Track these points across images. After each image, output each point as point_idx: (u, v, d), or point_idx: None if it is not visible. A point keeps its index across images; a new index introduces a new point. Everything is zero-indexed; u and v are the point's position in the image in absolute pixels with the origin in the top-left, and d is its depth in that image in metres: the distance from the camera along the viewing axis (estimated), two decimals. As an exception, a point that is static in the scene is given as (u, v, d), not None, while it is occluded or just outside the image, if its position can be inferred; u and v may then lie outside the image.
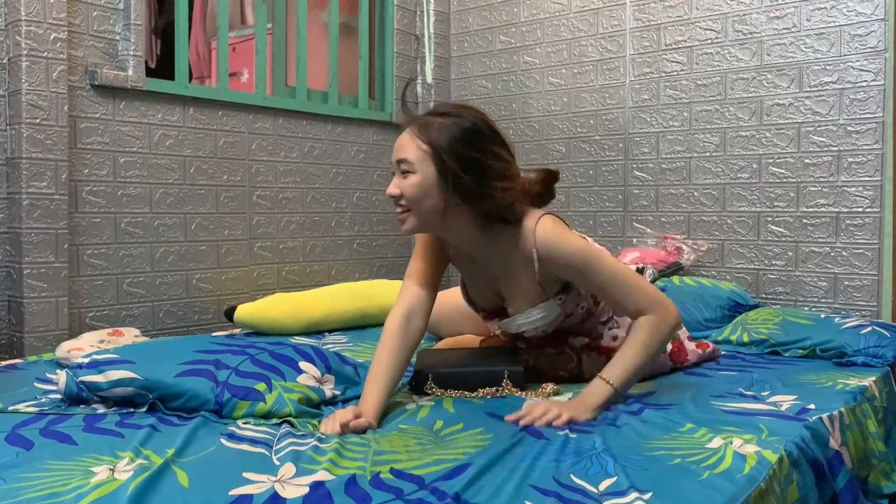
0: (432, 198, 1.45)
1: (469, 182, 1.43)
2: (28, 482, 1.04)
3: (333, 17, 2.97)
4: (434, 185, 1.44)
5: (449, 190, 1.43)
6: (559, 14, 2.99)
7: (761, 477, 1.11)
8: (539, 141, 3.05)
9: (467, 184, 1.43)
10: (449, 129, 1.43)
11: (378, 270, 3.10)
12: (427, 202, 1.45)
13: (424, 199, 1.45)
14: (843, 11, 2.37)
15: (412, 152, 1.44)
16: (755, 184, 2.55)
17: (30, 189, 2.07)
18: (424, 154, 1.43)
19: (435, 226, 1.51)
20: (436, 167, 1.43)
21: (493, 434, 1.28)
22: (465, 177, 1.42)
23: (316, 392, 1.49)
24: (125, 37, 2.26)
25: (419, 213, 1.47)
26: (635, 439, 1.27)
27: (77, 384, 1.42)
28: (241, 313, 2.24)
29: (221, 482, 1.05)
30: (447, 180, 1.43)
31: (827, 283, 2.42)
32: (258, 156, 2.65)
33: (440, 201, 1.45)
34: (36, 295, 2.08)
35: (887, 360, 1.89)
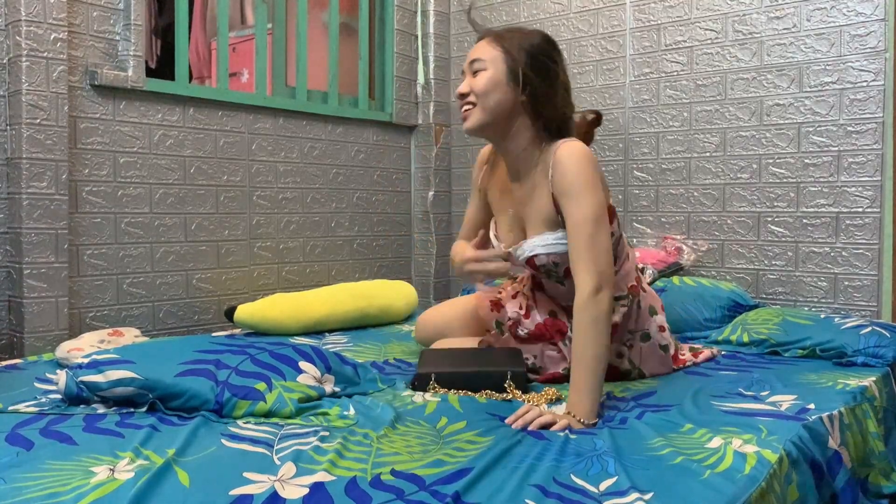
0: (501, 94, 1.55)
1: (538, 83, 1.54)
2: (28, 482, 1.04)
3: (333, 17, 2.97)
4: (504, 82, 1.55)
5: (518, 89, 1.54)
6: (559, 14, 2.99)
7: (762, 477, 1.11)
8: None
9: (536, 84, 1.53)
10: (522, 36, 1.57)
11: (378, 270, 3.10)
12: (494, 97, 1.55)
13: (492, 94, 1.55)
14: (843, 11, 2.37)
15: (486, 52, 1.56)
16: (755, 184, 2.55)
17: (30, 189, 2.07)
18: (498, 54, 1.55)
19: (498, 125, 1.59)
20: (507, 66, 1.54)
21: (495, 435, 1.28)
22: (534, 77, 1.53)
23: (316, 391, 1.49)
24: (125, 37, 2.26)
25: (485, 108, 1.56)
26: (636, 439, 1.27)
27: (77, 384, 1.42)
28: (241, 313, 2.24)
29: (222, 482, 1.05)
30: (517, 79, 1.53)
31: (827, 284, 2.42)
32: (258, 156, 2.65)
33: (508, 99, 1.55)
34: (36, 295, 2.08)
35: (887, 360, 1.89)
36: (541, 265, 1.68)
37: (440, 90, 3.27)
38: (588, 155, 1.54)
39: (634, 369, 1.77)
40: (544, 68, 1.55)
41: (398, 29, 3.14)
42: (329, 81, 2.94)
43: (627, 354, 1.77)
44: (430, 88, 3.23)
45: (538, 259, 1.67)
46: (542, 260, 1.66)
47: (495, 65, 1.55)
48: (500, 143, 1.65)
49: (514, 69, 1.54)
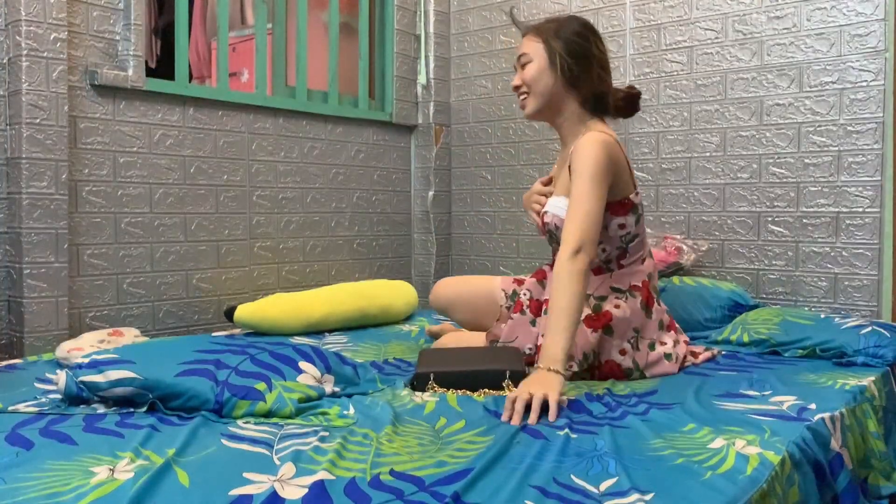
0: (547, 79, 1.79)
1: (572, 64, 1.77)
2: (28, 482, 1.04)
3: (333, 17, 2.97)
4: (546, 68, 1.79)
5: (557, 71, 1.77)
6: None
7: (763, 478, 1.11)
8: (539, 141, 3.05)
9: (571, 66, 1.77)
10: (558, 24, 1.82)
11: (378, 270, 3.10)
12: (541, 83, 1.80)
13: (539, 81, 1.80)
14: (843, 11, 2.37)
15: (529, 46, 1.82)
16: (755, 184, 2.54)
17: (30, 189, 2.07)
18: (539, 45, 1.80)
19: (549, 108, 1.83)
20: (547, 54, 1.78)
21: (494, 435, 1.28)
22: (569, 59, 1.76)
23: (316, 391, 1.49)
24: (125, 37, 2.26)
25: (536, 95, 1.81)
26: (637, 439, 1.27)
27: (77, 384, 1.42)
28: (241, 313, 2.24)
29: (222, 482, 1.05)
30: (555, 63, 1.77)
31: (827, 283, 2.42)
32: (258, 156, 2.65)
33: (552, 83, 1.79)
34: (36, 295, 2.08)
35: (887, 360, 1.89)
36: (547, 223, 1.87)
37: (440, 90, 3.27)
38: (603, 145, 1.70)
39: (637, 371, 1.78)
40: (578, 50, 1.78)
41: (398, 29, 3.14)
42: (329, 81, 2.94)
43: (632, 354, 1.78)
44: (430, 88, 3.23)
45: (547, 216, 1.86)
46: (548, 218, 1.85)
47: (538, 55, 1.80)
48: (555, 121, 1.87)
49: (552, 55, 1.78)
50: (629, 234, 1.82)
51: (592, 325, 1.76)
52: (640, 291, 1.84)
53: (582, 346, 1.74)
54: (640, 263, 1.86)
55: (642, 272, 1.86)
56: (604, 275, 1.84)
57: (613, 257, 1.84)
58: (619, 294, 1.82)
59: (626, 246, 1.83)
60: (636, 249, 1.85)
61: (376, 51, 3.18)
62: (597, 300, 1.82)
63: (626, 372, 1.77)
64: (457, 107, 3.32)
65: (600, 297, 1.82)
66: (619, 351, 1.77)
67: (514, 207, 3.13)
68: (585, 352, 1.74)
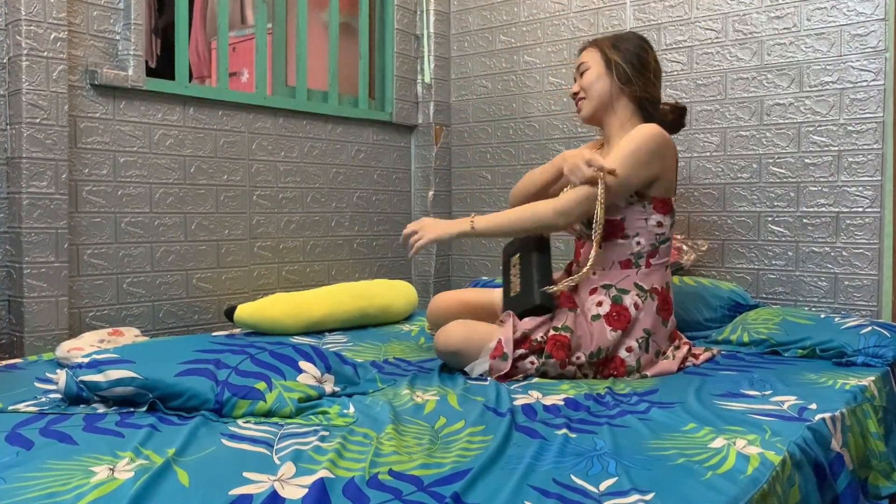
0: (602, 83, 1.92)
1: (626, 69, 1.90)
2: (28, 482, 1.04)
3: (333, 17, 2.97)
4: (603, 73, 1.92)
5: (613, 76, 1.91)
6: (559, 14, 2.99)
7: (764, 478, 1.11)
8: (539, 141, 3.05)
9: (625, 69, 1.90)
10: (614, 37, 1.97)
11: (378, 270, 3.10)
12: (597, 87, 1.93)
13: (595, 85, 1.93)
14: (843, 11, 2.37)
15: (587, 56, 1.97)
16: (755, 184, 2.54)
17: (30, 189, 2.07)
18: (596, 53, 1.95)
19: (604, 110, 1.95)
20: (604, 61, 1.92)
21: (494, 435, 1.28)
22: (623, 64, 1.90)
23: (316, 391, 1.49)
24: (125, 36, 2.26)
25: (592, 98, 1.94)
26: (637, 439, 1.27)
27: (77, 384, 1.42)
28: (241, 313, 2.24)
29: (222, 482, 1.05)
30: (611, 68, 1.91)
31: (827, 283, 2.42)
32: (258, 156, 2.65)
33: (608, 87, 1.92)
34: (36, 295, 2.08)
35: (887, 360, 1.89)
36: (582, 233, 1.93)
37: (440, 90, 3.27)
38: (660, 133, 1.81)
39: (637, 371, 1.79)
40: (634, 58, 1.91)
41: (398, 28, 3.14)
42: (329, 81, 2.94)
43: (637, 354, 1.79)
44: (430, 88, 3.23)
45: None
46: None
47: (595, 62, 1.94)
48: (607, 122, 1.97)
49: (608, 62, 1.92)
50: (664, 235, 1.88)
51: (613, 325, 1.78)
52: (659, 295, 1.86)
53: (598, 342, 1.77)
54: (664, 269, 1.90)
55: (664, 278, 1.89)
56: (631, 269, 1.86)
57: (645, 253, 1.86)
58: (641, 293, 1.84)
59: (659, 246, 1.87)
60: (665, 253, 1.90)
61: (376, 51, 3.18)
62: (618, 291, 1.83)
63: (628, 369, 1.78)
64: (457, 107, 3.32)
65: (622, 289, 1.84)
66: (627, 348, 1.79)
67: (514, 207, 3.13)
68: (601, 346, 1.77)
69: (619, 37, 1.97)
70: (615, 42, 1.94)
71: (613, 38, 1.96)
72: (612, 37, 1.98)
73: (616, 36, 1.98)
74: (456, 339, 1.75)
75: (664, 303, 1.88)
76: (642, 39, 1.97)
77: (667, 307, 1.89)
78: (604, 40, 1.96)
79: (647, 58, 1.93)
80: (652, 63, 1.94)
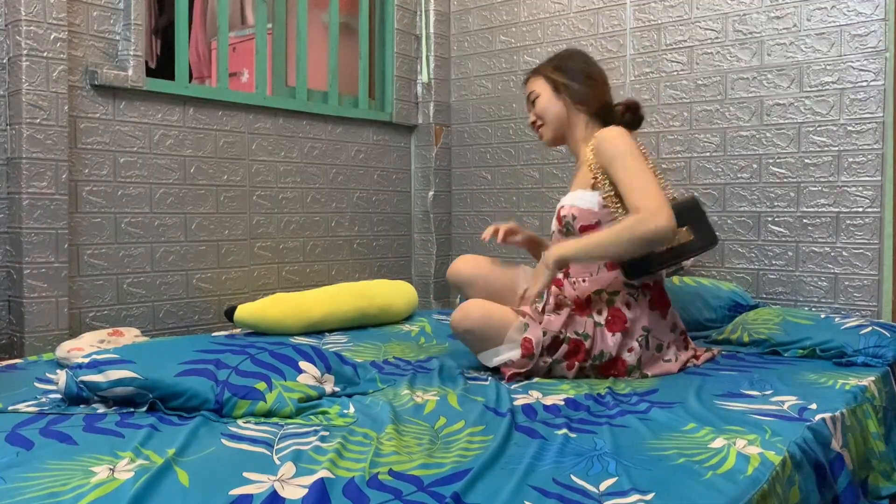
0: (555, 107, 1.96)
1: (575, 86, 1.94)
2: (28, 482, 1.04)
3: (333, 17, 2.97)
4: (553, 97, 1.97)
5: (563, 96, 1.95)
6: (559, 14, 2.99)
7: (764, 478, 1.11)
8: (539, 141, 3.05)
9: (574, 87, 1.94)
10: (553, 59, 2.01)
11: (378, 270, 3.10)
12: (552, 111, 1.97)
13: (549, 110, 1.97)
14: (843, 11, 2.37)
15: (534, 84, 2.01)
16: (755, 184, 2.54)
17: (30, 189, 2.07)
18: (540, 81, 1.99)
19: (562, 131, 1.99)
20: (550, 85, 1.97)
21: (494, 435, 1.28)
22: (570, 83, 1.94)
23: (316, 391, 1.49)
24: (125, 37, 2.26)
25: (549, 123, 1.98)
26: (637, 439, 1.27)
27: (77, 384, 1.42)
28: (241, 313, 2.24)
29: (222, 482, 1.05)
30: (559, 90, 1.95)
31: (827, 283, 2.42)
32: (258, 156, 2.65)
33: (561, 108, 1.96)
34: (36, 295, 2.08)
35: (887, 360, 1.89)
36: (564, 216, 1.90)
37: (440, 90, 3.27)
38: (621, 131, 1.83)
39: (637, 370, 1.79)
40: (578, 73, 1.95)
41: (398, 29, 3.14)
42: (329, 81, 2.94)
43: (639, 352, 1.80)
44: (430, 88, 3.23)
45: (563, 210, 1.91)
46: (565, 211, 1.90)
47: (543, 89, 1.98)
48: (570, 140, 2.01)
49: (554, 84, 1.96)
50: None
51: (613, 329, 1.79)
52: (651, 290, 1.86)
53: (601, 346, 1.77)
54: None
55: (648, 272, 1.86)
56: (617, 269, 1.85)
57: None
58: (632, 291, 1.84)
59: None
60: None
61: (376, 51, 3.18)
62: (609, 294, 1.84)
63: (629, 369, 1.78)
64: (457, 107, 3.32)
65: (613, 291, 1.84)
66: (629, 349, 1.80)
67: (514, 207, 3.13)
68: (604, 350, 1.77)
69: (560, 57, 2.01)
70: (557, 65, 1.98)
71: (555, 62, 1.99)
72: (552, 60, 2.01)
73: (556, 57, 2.01)
74: (474, 317, 1.74)
75: (658, 296, 1.87)
76: (582, 54, 2.02)
77: (662, 300, 1.88)
78: (545, 66, 2.00)
79: (591, 71, 1.97)
80: (597, 74, 1.98)
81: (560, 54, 2.03)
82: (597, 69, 2.00)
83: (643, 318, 1.83)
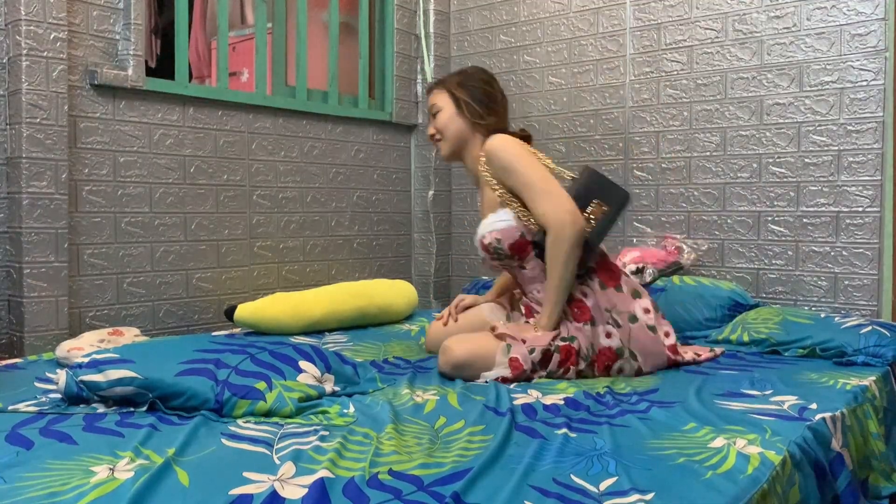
0: (456, 124, 1.97)
1: (476, 106, 1.95)
2: (28, 482, 1.04)
3: (333, 16, 2.97)
4: (454, 114, 1.97)
5: (464, 114, 1.96)
6: (559, 14, 2.99)
7: (764, 478, 1.11)
8: (539, 141, 3.05)
9: (475, 107, 1.96)
10: (459, 75, 2.03)
11: (378, 270, 3.10)
12: (451, 128, 1.98)
13: (449, 126, 1.98)
14: (843, 11, 2.37)
15: (437, 98, 2.01)
16: (755, 183, 2.54)
17: (30, 189, 2.07)
18: (444, 96, 2.00)
19: (460, 148, 2.00)
20: (452, 101, 1.98)
21: (494, 434, 1.28)
22: (472, 102, 1.95)
23: (316, 391, 1.49)
24: (125, 36, 2.26)
25: (448, 139, 1.99)
26: (637, 439, 1.27)
27: (77, 384, 1.42)
28: (241, 313, 2.24)
29: (221, 482, 1.05)
30: (461, 107, 1.96)
31: (827, 283, 2.42)
32: (258, 155, 2.65)
33: (460, 126, 1.97)
34: (36, 295, 2.08)
35: (887, 360, 1.89)
36: (489, 244, 1.89)
37: (440, 90, 3.27)
38: (508, 138, 1.88)
39: (625, 349, 1.80)
40: (481, 94, 1.97)
41: (398, 28, 3.14)
42: (329, 81, 2.94)
43: (616, 334, 1.80)
44: (430, 88, 3.23)
45: (485, 240, 1.90)
46: (487, 240, 1.89)
47: (445, 103, 1.99)
48: (466, 157, 2.01)
49: (456, 101, 1.97)
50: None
51: (581, 320, 1.80)
52: (596, 269, 1.87)
53: (582, 341, 1.78)
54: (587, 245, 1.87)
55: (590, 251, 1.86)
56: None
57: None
58: (582, 280, 1.85)
59: None
60: None
61: (376, 51, 3.18)
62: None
63: (618, 352, 1.79)
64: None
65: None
66: (605, 335, 1.80)
67: (514, 207, 3.13)
68: (585, 346, 1.78)
69: (465, 74, 2.02)
70: (462, 81, 1.99)
71: (459, 77, 2.01)
72: (457, 75, 2.03)
73: (461, 73, 2.03)
74: (459, 353, 1.72)
75: (606, 273, 1.87)
76: (486, 73, 2.03)
77: (610, 273, 1.88)
78: (450, 80, 2.01)
79: (493, 92, 1.99)
80: (498, 96, 2.00)
81: (467, 71, 2.05)
82: (499, 93, 2.01)
83: (602, 298, 1.83)
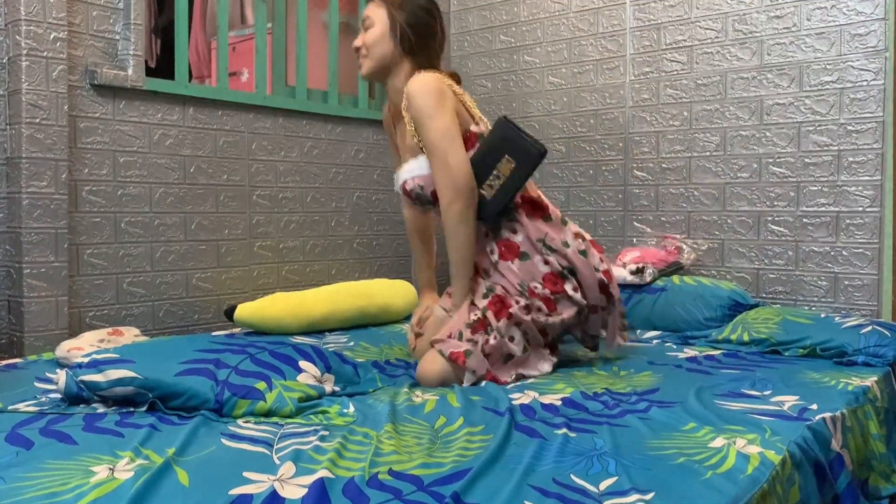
0: (384, 46, 1.88)
1: (411, 35, 1.86)
2: (28, 482, 1.04)
3: (333, 16, 2.97)
4: (386, 35, 1.87)
5: (396, 41, 1.87)
6: (559, 14, 2.99)
7: (764, 478, 1.11)
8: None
9: (410, 37, 1.86)
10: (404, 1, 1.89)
11: (378, 270, 3.09)
12: (379, 49, 1.88)
13: (378, 46, 1.88)
14: (843, 11, 2.37)
15: (374, 12, 1.90)
16: (755, 183, 2.54)
17: (30, 189, 2.07)
18: (382, 13, 1.88)
19: (382, 72, 1.91)
20: (389, 20, 1.87)
21: (494, 434, 1.28)
22: (409, 30, 1.86)
23: (316, 391, 1.49)
24: (125, 36, 2.26)
25: (373, 58, 1.90)
26: (637, 439, 1.27)
27: (77, 383, 1.42)
28: (241, 313, 2.24)
29: (221, 482, 1.05)
30: (395, 32, 1.86)
31: (827, 283, 2.42)
32: (258, 155, 2.65)
33: (388, 49, 1.88)
34: (36, 295, 2.08)
35: (888, 360, 1.89)
36: (411, 190, 1.89)
37: (440, 90, 3.27)
38: (430, 84, 1.78)
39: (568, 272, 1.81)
40: (420, 23, 1.87)
41: (398, 28, 3.14)
42: (329, 81, 2.94)
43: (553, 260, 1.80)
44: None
45: (407, 185, 1.88)
46: (409, 185, 1.88)
47: (380, 21, 1.88)
48: (388, 82, 1.94)
49: (392, 24, 1.87)
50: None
51: (509, 258, 1.81)
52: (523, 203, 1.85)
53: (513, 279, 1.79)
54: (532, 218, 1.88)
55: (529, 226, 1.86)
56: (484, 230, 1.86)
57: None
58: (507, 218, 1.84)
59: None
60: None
61: (376, 50, 3.18)
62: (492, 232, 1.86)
63: (561, 275, 1.79)
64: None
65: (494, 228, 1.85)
66: (543, 262, 1.81)
67: (514, 207, 3.13)
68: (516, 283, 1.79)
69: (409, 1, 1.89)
70: (404, 3, 1.88)
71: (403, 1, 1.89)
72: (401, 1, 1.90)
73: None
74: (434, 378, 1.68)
75: (532, 205, 1.86)
76: (432, 4, 1.92)
77: (537, 206, 1.86)
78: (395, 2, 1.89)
79: (433, 25, 1.90)
80: (438, 32, 1.92)
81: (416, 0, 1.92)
82: (440, 27, 1.93)
83: (531, 230, 1.82)
